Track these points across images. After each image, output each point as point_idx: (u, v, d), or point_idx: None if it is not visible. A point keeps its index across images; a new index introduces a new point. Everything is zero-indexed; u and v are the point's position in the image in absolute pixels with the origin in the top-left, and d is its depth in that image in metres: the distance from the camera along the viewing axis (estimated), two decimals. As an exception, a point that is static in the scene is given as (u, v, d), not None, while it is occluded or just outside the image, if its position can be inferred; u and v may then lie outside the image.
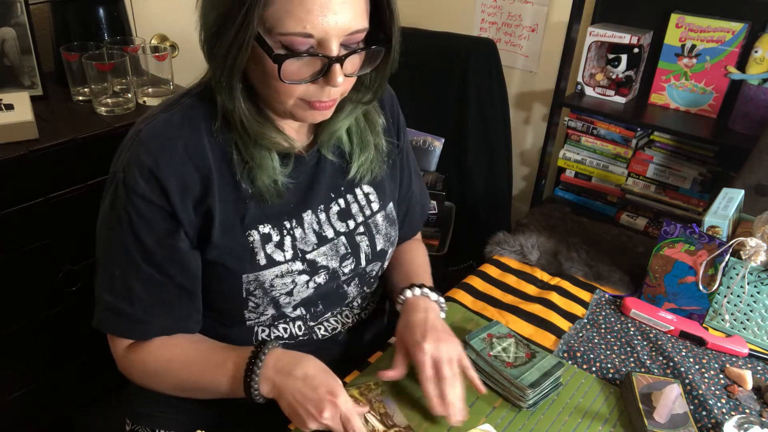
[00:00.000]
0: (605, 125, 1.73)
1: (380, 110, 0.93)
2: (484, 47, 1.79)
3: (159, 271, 0.80)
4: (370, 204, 0.94)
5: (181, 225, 0.79)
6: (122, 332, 0.84)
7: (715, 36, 1.56)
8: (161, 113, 0.79)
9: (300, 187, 0.86)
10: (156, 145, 0.76)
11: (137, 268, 0.79)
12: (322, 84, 0.72)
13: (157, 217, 0.78)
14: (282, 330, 0.91)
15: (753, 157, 1.35)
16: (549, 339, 1.04)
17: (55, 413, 1.50)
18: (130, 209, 0.77)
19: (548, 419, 0.87)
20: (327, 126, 0.85)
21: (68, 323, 1.40)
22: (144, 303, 0.81)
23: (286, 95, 0.74)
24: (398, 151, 1.00)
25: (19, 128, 1.21)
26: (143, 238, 0.78)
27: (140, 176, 0.75)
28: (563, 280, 1.20)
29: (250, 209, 0.82)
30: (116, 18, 1.53)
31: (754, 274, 1.01)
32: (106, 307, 0.82)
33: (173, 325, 0.84)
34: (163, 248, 0.79)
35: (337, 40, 0.69)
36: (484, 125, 1.85)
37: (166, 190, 0.76)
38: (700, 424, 0.88)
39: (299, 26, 0.67)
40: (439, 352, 0.83)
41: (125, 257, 0.79)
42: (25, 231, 1.25)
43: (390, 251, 0.99)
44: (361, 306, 1.00)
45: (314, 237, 0.88)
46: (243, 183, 0.80)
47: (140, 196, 0.76)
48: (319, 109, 0.76)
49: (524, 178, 2.28)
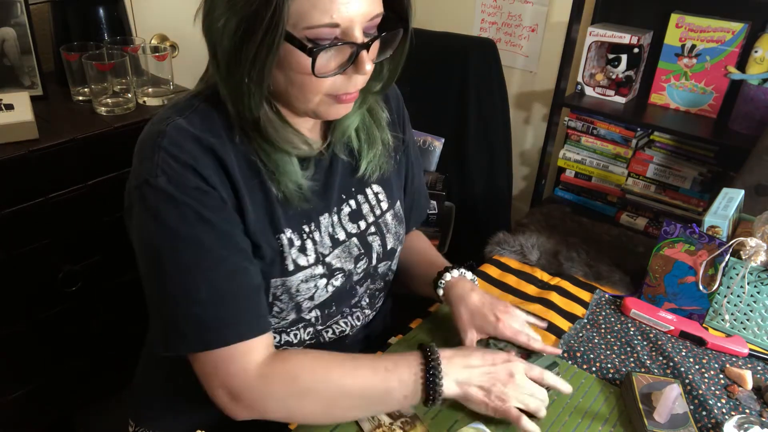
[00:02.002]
0: (605, 125, 1.73)
1: (383, 105, 0.93)
2: (484, 47, 1.78)
3: (243, 255, 0.75)
4: (380, 203, 0.95)
5: (235, 212, 0.76)
6: (238, 336, 0.72)
7: (715, 36, 1.56)
8: (177, 115, 0.75)
9: (317, 190, 0.85)
10: (187, 143, 0.73)
11: (220, 260, 0.72)
12: (351, 74, 0.72)
13: (217, 203, 0.73)
14: (293, 336, 0.90)
15: (753, 157, 1.35)
16: (549, 339, 1.04)
17: (55, 413, 1.50)
18: (191, 203, 0.71)
19: (548, 419, 0.87)
20: (340, 122, 0.85)
21: (68, 323, 1.40)
22: (238, 296, 0.73)
23: (314, 92, 0.73)
24: (404, 147, 1.00)
25: (19, 128, 1.21)
26: (218, 225, 0.73)
27: (186, 171, 0.71)
28: (563, 280, 1.20)
29: (278, 213, 0.80)
30: (116, 18, 1.53)
31: (754, 274, 1.01)
32: (199, 324, 0.72)
33: (266, 316, 0.78)
34: (238, 228, 0.75)
35: (360, 27, 0.69)
36: (484, 125, 1.85)
37: (211, 183, 0.73)
38: (700, 424, 0.88)
39: (326, 17, 0.66)
40: (513, 320, 0.92)
41: (204, 254, 0.72)
42: (25, 231, 1.25)
43: (399, 249, 1.00)
44: (369, 304, 1.00)
45: (328, 240, 0.87)
46: (272, 188, 0.79)
47: (195, 188, 0.71)
48: (345, 102, 0.75)
49: (524, 178, 2.28)
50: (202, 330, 0.72)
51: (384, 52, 0.77)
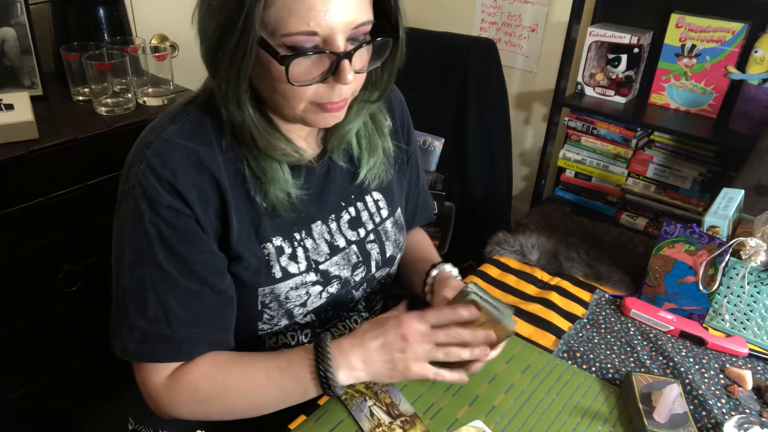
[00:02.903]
0: (605, 125, 1.73)
1: (386, 112, 0.92)
2: (484, 47, 1.78)
3: (199, 282, 0.76)
4: (380, 211, 0.94)
5: (207, 233, 0.76)
6: (164, 357, 0.77)
7: (715, 36, 1.56)
8: (169, 123, 0.76)
9: (310, 198, 0.84)
10: (171, 156, 0.73)
11: (174, 284, 0.74)
12: (333, 83, 0.70)
13: (186, 225, 0.74)
14: (289, 338, 0.90)
15: (753, 157, 1.35)
16: (549, 339, 1.04)
17: (55, 413, 1.51)
18: (157, 222, 0.73)
19: (548, 419, 0.87)
20: (337, 130, 0.84)
21: (68, 323, 1.40)
22: (183, 321, 0.76)
23: (296, 99, 0.71)
24: (407, 156, 0.99)
25: (19, 128, 1.21)
26: (177, 249, 0.74)
27: (160, 188, 0.72)
28: (563, 280, 1.20)
29: (264, 223, 0.80)
30: (116, 18, 1.53)
31: (754, 274, 1.01)
32: (140, 336, 0.75)
33: (216, 339, 0.80)
34: (199, 255, 0.75)
35: (343, 35, 0.67)
36: (484, 125, 1.85)
37: (188, 200, 0.73)
38: (700, 424, 0.88)
39: (302, 24, 0.64)
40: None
41: (159, 275, 0.74)
42: (25, 231, 1.25)
43: (398, 256, 0.99)
44: (366, 307, 1.00)
45: (326, 247, 0.87)
46: (257, 198, 0.78)
47: (166, 206, 0.72)
48: (331, 110, 0.74)
49: (524, 178, 2.28)
50: (142, 343, 0.76)
51: (375, 61, 0.75)
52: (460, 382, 0.80)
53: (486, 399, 0.89)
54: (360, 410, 0.85)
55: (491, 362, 0.96)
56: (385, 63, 0.77)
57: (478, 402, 0.89)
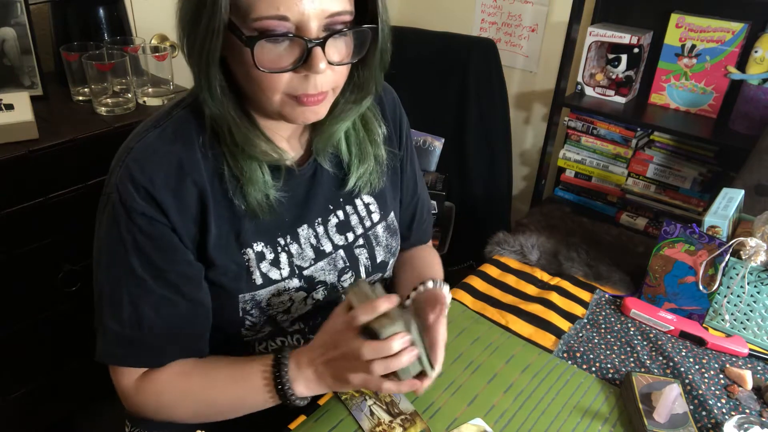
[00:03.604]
0: (605, 125, 1.73)
1: (381, 120, 0.90)
2: (484, 47, 1.78)
3: (172, 291, 0.76)
4: (371, 215, 0.92)
5: (183, 241, 0.76)
6: (135, 362, 0.79)
7: (715, 36, 1.56)
8: (152, 128, 0.75)
9: (295, 201, 0.83)
10: (149, 163, 0.73)
11: (147, 290, 0.75)
12: (306, 73, 0.68)
13: (162, 233, 0.74)
14: (279, 342, 0.89)
15: (753, 157, 1.35)
16: (549, 339, 1.04)
17: (55, 413, 1.50)
18: (133, 229, 0.73)
19: (548, 418, 0.87)
20: (321, 131, 0.82)
21: (68, 323, 1.40)
22: (156, 327, 0.77)
23: (271, 90, 0.70)
24: (400, 160, 0.97)
25: (19, 128, 1.21)
26: (152, 257, 0.74)
27: (137, 195, 0.72)
28: (563, 280, 1.20)
29: (245, 227, 0.79)
30: (116, 18, 1.53)
31: (754, 274, 1.01)
32: (113, 339, 0.77)
33: (188, 347, 0.81)
34: (174, 264, 0.76)
35: (317, 23, 0.66)
36: (484, 125, 1.85)
37: (164, 208, 0.73)
38: (700, 424, 0.88)
39: (272, 8, 0.64)
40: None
41: (133, 281, 0.75)
42: (25, 231, 1.25)
43: (391, 262, 0.97)
44: None
45: (312, 252, 0.85)
46: (236, 200, 0.77)
47: (141, 214, 0.73)
48: (309, 104, 0.71)
49: (524, 178, 2.28)
50: (113, 346, 0.78)
51: (355, 55, 0.73)
52: (412, 389, 0.74)
53: (486, 398, 0.89)
54: (360, 409, 0.85)
55: (491, 362, 0.96)
56: (366, 60, 0.75)
57: (478, 401, 0.89)
